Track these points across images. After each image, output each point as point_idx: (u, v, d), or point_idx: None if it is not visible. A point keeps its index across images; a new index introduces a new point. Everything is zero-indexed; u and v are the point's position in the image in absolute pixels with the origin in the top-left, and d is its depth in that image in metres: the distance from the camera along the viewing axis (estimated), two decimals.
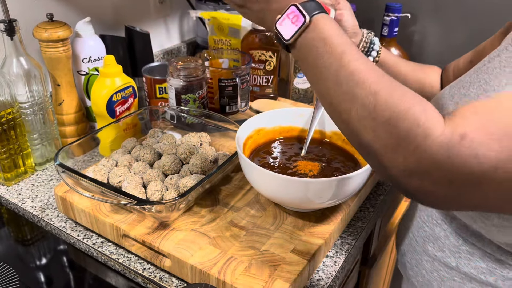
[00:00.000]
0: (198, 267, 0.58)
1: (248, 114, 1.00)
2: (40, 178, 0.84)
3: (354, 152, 0.73)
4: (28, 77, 0.78)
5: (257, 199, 0.71)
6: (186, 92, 0.88)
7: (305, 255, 0.60)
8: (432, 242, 0.64)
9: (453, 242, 0.60)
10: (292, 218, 0.67)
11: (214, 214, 0.68)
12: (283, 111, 0.77)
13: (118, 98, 0.84)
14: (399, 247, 0.74)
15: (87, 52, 0.88)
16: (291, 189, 0.61)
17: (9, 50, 0.77)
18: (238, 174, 0.77)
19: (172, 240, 0.62)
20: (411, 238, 0.69)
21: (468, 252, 0.59)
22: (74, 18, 0.89)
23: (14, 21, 0.75)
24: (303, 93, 1.08)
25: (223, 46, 1.12)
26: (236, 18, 1.07)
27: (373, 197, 0.80)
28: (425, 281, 0.66)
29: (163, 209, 0.62)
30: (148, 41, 1.05)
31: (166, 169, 0.72)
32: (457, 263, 0.60)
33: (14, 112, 0.77)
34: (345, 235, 0.71)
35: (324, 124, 0.77)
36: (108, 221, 0.66)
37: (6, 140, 0.77)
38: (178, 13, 1.30)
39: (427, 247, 0.64)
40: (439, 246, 0.62)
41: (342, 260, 0.66)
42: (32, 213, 0.75)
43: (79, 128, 0.90)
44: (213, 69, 0.97)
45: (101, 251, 0.67)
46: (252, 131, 0.74)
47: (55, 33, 0.79)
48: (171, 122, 0.88)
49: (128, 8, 1.13)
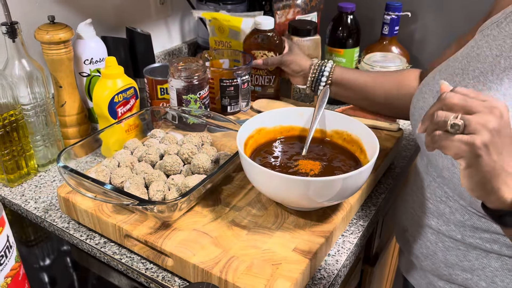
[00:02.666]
0: (200, 266, 0.59)
1: (250, 114, 1.00)
2: (43, 179, 0.84)
3: (354, 151, 0.73)
4: (30, 79, 0.79)
5: (258, 199, 0.71)
6: (187, 93, 0.88)
7: (306, 254, 0.61)
8: (436, 218, 0.66)
9: (458, 218, 0.62)
10: (294, 217, 0.68)
11: (216, 213, 0.68)
12: (283, 110, 0.77)
13: (120, 99, 0.84)
14: (399, 225, 0.77)
15: (89, 54, 0.89)
16: (292, 188, 0.61)
17: (11, 52, 0.77)
18: (240, 174, 0.77)
19: (174, 239, 0.63)
20: (413, 214, 0.71)
21: (473, 226, 0.60)
22: (76, 20, 0.89)
23: (16, 24, 0.75)
24: (304, 92, 1.09)
25: (224, 47, 1.12)
26: (236, 20, 1.07)
27: (374, 195, 0.80)
28: (429, 252, 0.68)
29: (165, 209, 0.62)
30: (149, 42, 1.06)
31: (168, 169, 0.72)
32: (462, 235, 0.62)
33: (17, 114, 0.78)
34: (346, 233, 0.71)
35: (325, 124, 0.77)
36: (111, 222, 0.66)
37: (9, 141, 0.78)
38: (179, 14, 1.30)
39: (431, 222, 0.67)
40: (443, 221, 0.64)
41: (343, 259, 0.66)
42: (35, 214, 0.75)
43: (81, 129, 0.90)
44: (214, 69, 0.97)
45: (104, 251, 0.68)
46: (253, 130, 0.74)
47: (57, 35, 0.80)
48: (173, 122, 0.88)
49: (129, 9, 1.14)
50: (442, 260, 0.67)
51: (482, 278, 0.63)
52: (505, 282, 0.61)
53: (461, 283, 0.66)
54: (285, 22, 1.20)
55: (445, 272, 0.67)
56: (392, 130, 0.90)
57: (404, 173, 0.90)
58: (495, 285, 0.62)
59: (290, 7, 1.18)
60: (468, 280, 0.65)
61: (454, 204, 0.62)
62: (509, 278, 0.61)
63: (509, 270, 0.61)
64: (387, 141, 0.87)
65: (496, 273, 0.61)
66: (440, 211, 0.65)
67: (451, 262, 0.65)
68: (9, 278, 0.51)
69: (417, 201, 0.70)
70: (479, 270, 0.63)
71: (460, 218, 0.62)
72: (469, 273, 0.64)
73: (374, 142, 0.67)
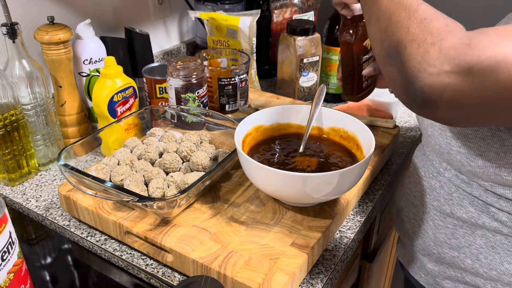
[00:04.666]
0: (199, 261, 0.60)
1: (248, 112, 1.01)
2: (44, 178, 0.85)
3: (351, 147, 0.74)
4: (30, 79, 0.80)
5: (256, 195, 0.72)
6: (186, 92, 0.89)
7: (304, 249, 0.62)
8: (429, 194, 0.71)
9: (446, 191, 0.68)
10: (291, 212, 0.69)
11: (215, 210, 0.69)
12: (281, 108, 0.78)
13: (119, 98, 0.85)
14: (396, 206, 0.81)
15: (88, 54, 0.90)
16: (289, 184, 0.62)
17: (11, 52, 0.78)
18: (238, 171, 0.78)
19: (174, 236, 0.64)
20: (408, 194, 0.76)
21: (459, 199, 0.66)
22: (75, 21, 0.90)
23: (16, 24, 0.76)
24: (307, 91, 1.10)
25: (222, 46, 1.13)
26: (234, 19, 1.08)
27: (371, 192, 0.81)
28: (421, 231, 0.73)
29: (164, 206, 0.63)
30: (148, 42, 1.06)
31: (167, 167, 0.73)
32: (451, 209, 0.67)
33: (17, 113, 0.79)
34: (343, 229, 0.72)
35: (321, 121, 0.78)
36: (111, 219, 0.67)
37: (10, 141, 0.79)
38: (177, 14, 1.31)
39: (425, 199, 0.71)
40: (434, 196, 0.70)
41: (341, 254, 0.67)
42: (37, 213, 0.76)
43: (81, 128, 0.91)
44: (213, 68, 0.98)
45: (105, 248, 0.69)
46: (251, 128, 0.75)
47: (56, 36, 0.80)
48: (172, 121, 0.89)
49: (127, 9, 1.14)
50: (432, 239, 0.71)
51: (468, 255, 0.67)
52: (488, 259, 0.65)
53: (448, 261, 0.69)
54: (282, 21, 1.21)
55: (434, 250, 0.71)
56: (388, 127, 0.91)
57: (400, 170, 0.91)
58: (480, 262, 0.66)
59: (287, 7, 1.19)
60: (455, 258, 0.68)
61: (442, 178, 0.68)
62: (492, 255, 0.65)
63: (492, 247, 0.64)
64: (383, 138, 0.88)
65: (481, 250, 0.65)
66: (431, 186, 0.70)
67: (440, 240, 0.70)
68: (12, 274, 0.52)
69: (413, 181, 0.75)
70: (465, 247, 0.67)
71: (448, 190, 0.67)
72: (456, 250, 0.68)
73: (370, 139, 0.68)
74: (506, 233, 0.63)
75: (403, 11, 0.49)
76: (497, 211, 0.62)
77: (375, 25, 0.52)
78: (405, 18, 0.48)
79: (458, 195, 0.66)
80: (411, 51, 0.46)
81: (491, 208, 0.63)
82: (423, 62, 0.45)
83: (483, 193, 0.63)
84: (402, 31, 0.47)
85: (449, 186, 0.67)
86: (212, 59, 1.06)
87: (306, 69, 1.07)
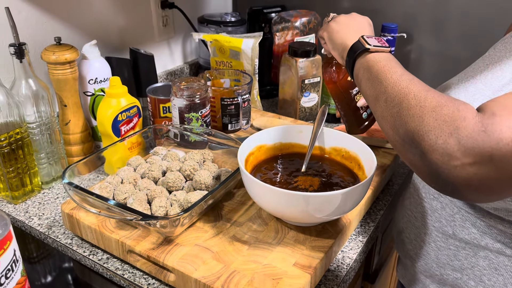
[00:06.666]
0: (202, 281, 0.60)
1: (250, 132, 1.02)
2: (47, 196, 0.85)
3: (353, 167, 0.74)
4: (36, 98, 0.81)
5: (259, 214, 0.73)
6: (189, 111, 0.90)
7: (306, 269, 0.62)
8: (430, 215, 0.71)
9: (448, 212, 0.67)
10: (294, 232, 0.69)
11: (217, 229, 0.69)
12: (283, 128, 0.79)
13: (123, 117, 0.86)
14: (396, 228, 0.81)
15: (93, 74, 0.91)
16: (292, 203, 0.62)
17: (18, 72, 0.79)
18: (241, 190, 0.78)
19: (176, 255, 0.64)
20: (409, 216, 0.76)
21: (462, 220, 0.65)
22: (81, 41, 0.92)
23: (24, 45, 0.78)
24: (308, 111, 1.11)
25: (225, 67, 1.15)
26: (237, 41, 1.10)
27: (373, 212, 0.81)
28: (423, 252, 0.73)
29: (167, 224, 0.63)
30: (152, 63, 1.08)
31: (170, 185, 0.73)
32: (453, 231, 0.67)
33: (22, 132, 0.80)
34: (346, 249, 0.72)
35: (323, 141, 0.79)
36: (114, 237, 0.67)
37: (14, 159, 0.79)
38: (181, 36, 1.34)
39: (426, 220, 0.71)
40: (436, 218, 0.70)
41: (343, 274, 0.67)
42: (39, 231, 0.76)
43: (85, 147, 0.92)
44: (216, 88, 0.99)
45: (107, 267, 0.69)
46: (254, 147, 0.76)
47: (63, 56, 0.82)
48: (175, 140, 0.90)
49: (133, 31, 1.17)
50: (434, 260, 0.71)
51: (471, 277, 0.67)
52: (492, 280, 0.65)
53: (451, 283, 0.69)
54: (284, 43, 1.23)
55: (437, 272, 0.71)
56: (389, 147, 0.92)
57: (401, 190, 0.92)
58: (483, 284, 0.65)
59: (288, 29, 1.22)
60: (458, 279, 0.68)
61: (444, 199, 0.68)
62: (496, 277, 0.64)
63: (495, 269, 0.64)
64: (384, 158, 0.88)
65: (484, 271, 0.65)
66: (433, 207, 0.70)
67: (442, 261, 0.69)
68: None
69: (414, 202, 0.75)
70: (468, 269, 0.66)
71: (450, 211, 0.67)
72: (459, 272, 0.68)
73: (372, 159, 0.68)
74: (509, 255, 0.63)
75: (413, 98, 0.50)
76: (500, 233, 0.62)
77: (385, 108, 0.53)
78: (416, 106, 0.49)
79: (460, 216, 0.66)
80: (430, 143, 0.46)
81: (494, 229, 0.63)
82: (445, 155, 0.45)
83: (486, 214, 0.63)
84: (417, 121, 0.48)
85: (451, 208, 0.67)
86: (215, 80, 1.07)
87: (307, 90, 1.08)
